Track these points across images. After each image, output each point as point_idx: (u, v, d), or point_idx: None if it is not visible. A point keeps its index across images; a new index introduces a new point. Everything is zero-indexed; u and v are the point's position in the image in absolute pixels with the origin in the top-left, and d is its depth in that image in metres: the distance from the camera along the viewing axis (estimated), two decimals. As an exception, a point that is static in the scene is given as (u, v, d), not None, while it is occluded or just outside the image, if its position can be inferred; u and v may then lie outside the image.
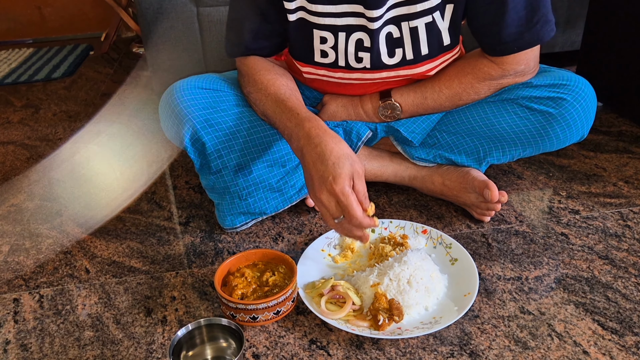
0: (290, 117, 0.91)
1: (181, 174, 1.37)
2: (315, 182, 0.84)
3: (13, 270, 1.04)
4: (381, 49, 0.99)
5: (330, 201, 0.82)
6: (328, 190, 0.82)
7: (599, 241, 1.03)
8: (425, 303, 0.86)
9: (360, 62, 1.01)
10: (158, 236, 1.12)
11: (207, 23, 1.69)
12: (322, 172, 0.82)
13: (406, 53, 1.00)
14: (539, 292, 0.91)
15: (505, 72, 1.02)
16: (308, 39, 1.00)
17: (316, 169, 0.83)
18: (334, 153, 0.83)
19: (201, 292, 0.95)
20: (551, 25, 0.97)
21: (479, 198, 1.07)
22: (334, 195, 0.82)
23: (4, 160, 1.49)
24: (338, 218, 0.83)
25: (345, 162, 0.83)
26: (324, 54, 1.01)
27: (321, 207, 0.85)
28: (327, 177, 0.82)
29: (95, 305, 0.93)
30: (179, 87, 1.04)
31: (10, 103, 1.94)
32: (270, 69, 1.03)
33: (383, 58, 1.00)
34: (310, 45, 1.01)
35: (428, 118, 1.10)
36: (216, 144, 1.02)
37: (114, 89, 2.03)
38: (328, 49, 1.00)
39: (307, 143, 0.86)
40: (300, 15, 0.97)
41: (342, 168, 0.82)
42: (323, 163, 0.83)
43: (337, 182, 0.81)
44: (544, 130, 1.02)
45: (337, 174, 0.81)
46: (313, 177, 0.84)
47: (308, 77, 1.08)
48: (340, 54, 1.00)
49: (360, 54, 0.99)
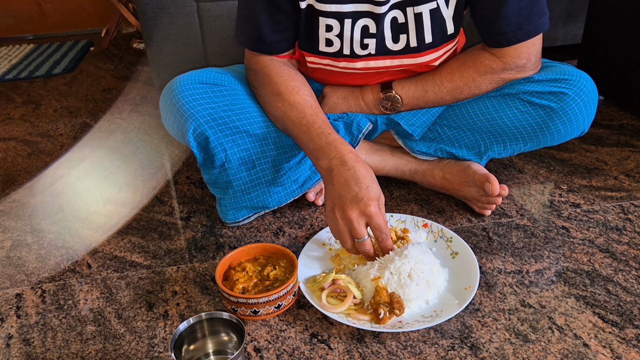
0: (320, 135, 0.93)
1: (182, 169, 1.37)
2: (346, 201, 0.86)
3: (15, 265, 1.04)
4: (386, 34, 0.99)
5: (360, 221, 0.86)
6: (360, 210, 0.85)
7: (600, 234, 1.03)
8: (426, 297, 0.87)
9: (366, 49, 1.01)
10: (159, 231, 1.12)
11: (207, 18, 1.69)
12: (355, 193, 0.85)
13: (410, 40, 1.00)
14: (539, 285, 0.91)
15: (506, 65, 1.02)
16: (313, 28, 1.00)
17: (349, 189, 0.86)
18: (368, 178, 0.87)
19: (202, 286, 0.95)
20: (547, 17, 0.99)
21: (480, 192, 1.07)
22: (366, 216, 0.85)
23: (5, 157, 1.49)
24: (363, 238, 0.86)
25: (377, 187, 0.88)
26: (329, 42, 1.01)
27: (346, 225, 0.87)
28: (362, 198, 0.85)
29: (97, 300, 0.94)
30: (179, 82, 1.03)
31: (11, 99, 1.94)
32: (292, 75, 1.02)
33: (387, 43, 1.00)
34: (316, 33, 1.00)
35: (429, 111, 1.10)
36: (220, 138, 1.02)
37: (115, 85, 2.03)
38: (333, 37, 1.00)
39: (340, 164, 0.89)
40: (309, 2, 0.97)
41: (374, 192, 0.86)
42: (357, 185, 0.86)
43: (371, 204, 0.85)
44: (545, 124, 1.02)
45: (370, 196, 0.85)
46: (344, 196, 0.86)
47: (312, 67, 1.07)
48: (346, 41, 1.00)
49: (365, 40, 1.00)
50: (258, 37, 1.02)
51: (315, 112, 0.98)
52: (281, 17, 1.00)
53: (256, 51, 1.05)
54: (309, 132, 0.95)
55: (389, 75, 1.07)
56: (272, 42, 1.03)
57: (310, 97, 1.01)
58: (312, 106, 0.99)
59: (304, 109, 0.98)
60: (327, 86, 1.14)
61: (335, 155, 0.91)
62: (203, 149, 1.04)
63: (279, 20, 1.00)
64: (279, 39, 1.03)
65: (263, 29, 1.00)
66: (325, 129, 0.95)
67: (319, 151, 0.93)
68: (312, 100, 1.00)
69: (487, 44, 1.02)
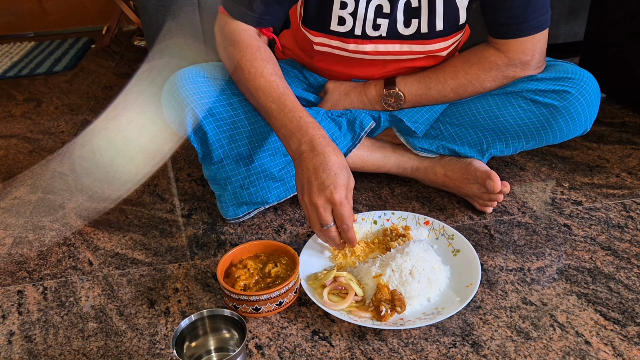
0: (292, 119, 0.91)
1: (183, 167, 1.37)
2: (313, 187, 0.85)
3: (17, 262, 1.04)
4: (398, 17, 0.99)
5: (326, 208, 0.85)
6: (327, 197, 0.84)
7: (602, 232, 1.03)
8: (428, 294, 0.86)
9: (377, 30, 1.00)
10: (160, 228, 1.12)
11: (208, 15, 1.69)
12: (323, 180, 0.85)
13: (421, 25, 1.00)
14: (541, 283, 0.91)
15: (510, 60, 1.01)
16: (327, 5, 0.99)
17: (317, 176, 0.85)
18: (336, 164, 0.86)
19: (204, 283, 0.95)
20: (550, 15, 0.99)
21: (482, 189, 1.07)
22: (331, 203, 0.84)
23: (6, 154, 1.49)
24: (327, 225, 0.86)
25: (345, 174, 0.86)
26: (342, 20, 1.00)
27: (313, 211, 0.86)
28: (328, 185, 0.84)
29: (98, 297, 0.94)
30: (181, 76, 1.03)
31: (12, 96, 1.94)
32: (262, 52, 0.98)
33: (399, 27, 1.00)
34: (329, 11, 1.00)
35: (432, 109, 1.10)
36: (217, 134, 1.01)
37: (116, 82, 2.03)
38: (346, 15, 0.99)
39: (310, 149, 0.88)
40: None
41: (342, 179, 0.85)
42: (325, 171, 0.85)
43: (337, 191, 0.84)
44: (548, 123, 1.02)
45: (338, 183, 0.84)
46: (312, 182, 0.85)
47: (319, 49, 1.07)
48: (359, 20, 0.99)
49: (378, 20, 0.99)
50: (246, 5, 0.98)
51: (285, 93, 0.94)
52: None
53: (237, 18, 1.00)
54: (279, 115, 0.93)
55: (397, 63, 1.07)
56: (260, 13, 0.99)
57: (278, 76, 0.97)
58: (280, 86, 0.95)
59: (276, 91, 0.94)
60: (330, 81, 1.14)
61: (306, 140, 0.89)
62: (202, 144, 1.04)
63: None
64: (268, 12, 0.99)
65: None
66: (296, 113, 0.92)
67: (290, 135, 0.91)
68: (280, 80, 0.96)
69: (492, 35, 1.02)
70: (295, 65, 1.20)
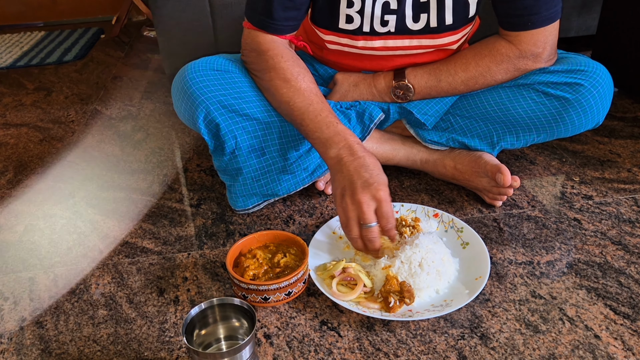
0: (329, 125, 0.93)
1: (192, 157, 1.37)
2: (357, 185, 0.85)
3: (28, 249, 1.05)
4: (407, 12, 0.99)
5: (370, 205, 0.84)
6: (372, 194, 0.84)
7: (612, 227, 1.02)
8: (437, 286, 0.86)
9: (386, 26, 1.00)
10: (170, 218, 1.13)
11: (218, 6, 1.68)
12: (366, 178, 0.85)
13: (430, 19, 0.99)
14: (550, 276, 0.91)
15: (522, 52, 1.01)
16: (335, 3, 0.99)
17: (359, 175, 0.86)
18: (377, 167, 0.88)
19: (213, 273, 0.96)
20: (560, 7, 0.98)
21: (491, 182, 1.06)
22: (376, 200, 0.84)
23: (17, 142, 1.50)
24: (370, 224, 0.84)
25: (385, 177, 0.87)
26: (349, 19, 1.00)
27: (355, 211, 0.85)
28: (372, 183, 0.84)
29: (108, 285, 0.94)
30: (191, 69, 1.03)
31: (22, 86, 1.95)
32: (296, 60, 1.00)
33: (407, 22, 1.00)
34: (337, 9, 1.00)
35: (442, 101, 1.10)
36: (230, 125, 1.02)
37: (125, 72, 2.04)
38: (354, 13, 0.99)
39: (350, 153, 0.89)
40: None
41: (384, 179, 0.87)
42: (367, 171, 0.86)
43: (382, 188, 0.85)
44: (560, 115, 1.01)
45: (381, 182, 0.85)
46: (355, 182, 0.85)
47: (330, 47, 1.07)
48: (366, 18, 0.99)
49: (386, 16, 0.99)
50: (267, 13, 0.99)
51: (321, 100, 0.97)
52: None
53: (261, 28, 1.00)
54: (316, 120, 0.94)
55: (407, 58, 1.06)
56: (280, 19, 0.99)
57: (314, 84, 1.00)
58: (317, 94, 0.98)
59: (311, 97, 0.97)
60: (339, 73, 1.13)
61: (344, 145, 0.90)
62: (214, 136, 1.04)
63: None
64: (287, 17, 1.00)
65: (274, 5, 0.97)
66: (332, 119, 0.94)
67: (327, 140, 0.92)
68: (316, 87, 0.99)
69: (503, 27, 1.01)
70: (305, 57, 1.19)
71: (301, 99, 0.96)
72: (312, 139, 0.95)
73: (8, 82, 1.99)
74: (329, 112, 0.96)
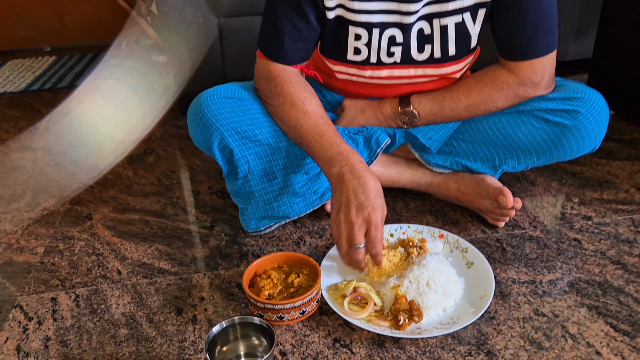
0: (332, 144, 0.98)
1: (203, 180, 1.42)
2: (352, 206, 0.90)
3: (49, 270, 1.09)
4: (412, 44, 1.04)
5: (361, 227, 0.89)
6: (364, 217, 0.89)
7: (611, 246, 1.07)
8: (444, 304, 0.90)
9: (392, 57, 1.05)
10: (184, 239, 1.17)
11: (227, 32, 1.74)
12: (362, 200, 0.89)
13: (434, 50, 1.05)
14: (552, 295, 0.95)
15: (522, 80, 1.06)
16: (343, 36, 1.04)
17: (356, 196, 0.90)
18: (375, 188, 0.92)
19: (228, 293, 1.00)
20: (557, 38, 1.04)
21: (494, 204, 1.11)
22: (368, 223, 0.89)
23: (34, 166, 1.55)
24: (359, 245, 0.90)
25: (382, 200, 0.92)
26: (357, 51, 1.05)
27: (346, 229, 0.90)
28: (367, 206, 0.89)
29: (128, 305, 0.98)
30: (206, 97, 1.08)
31: (36, 110, 2.00)
32: (304, 85, 1.06)
33: (413, 53, 1.05)
34: (345, 42, 1.05)
35: (445, 126, 1.15)
36: (243, 150, 1.06)
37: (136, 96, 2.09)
38: (361, 46, 1.04)
39: (350, 172, 0.93)
40: (338, 13, 1.02)
41: (380, 203, 0.91)
42: (364, 193, 0.90)
43: (375, 212, 0.89)
44: (559, 140, 1.06)
45: (376, 206, 0.90)
46: (351, 202, 0.90)
47: (339, 76, 1.12)
48: (373, 50, 1.04)
49: (392, 48, 1.04)
50: (278, 44, 1.04)
51: (327, 122, 1.02)
52: (304, 27, 1.03)
53: (272, 58, 1.06)
54: (321, 140, 0.99)
55: (412, 86, 1.12)
56: (290, 50, 1.05)
57: (320, 107, 1.05)
58: (323, 116, 1.03)
59: (316, 119, 1.02)
60: (347, 99, 1.19)
61: (346, 164, 0.95)
62: (228, 161, 1.09)
63: (301, 30, 1.03)
64: (297, 48, 1.06)
65: (284, 37, 1.03)
66: (336, 139, 0.99)
67: (331, 159, 0.97)
68: (322, 110, 1.05)
69: (503, 57, 1.07)
70: (314, 84, 1.25)
71: (307, 121, 1.02)
72: (318, 158, 1.00)
73: (22, 106, 2.05)
74: (334, 133, 1.00)
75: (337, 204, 0.93)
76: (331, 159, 0.96)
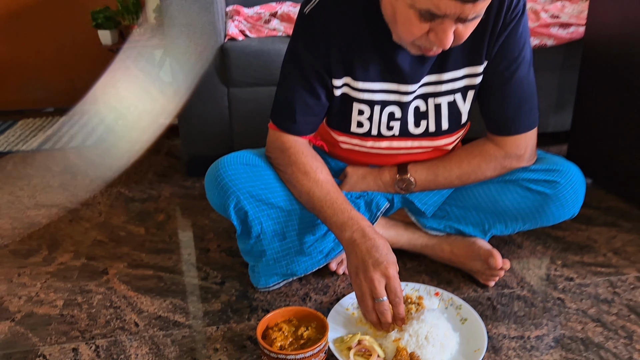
0: (343, 211, 1.09)
1: (212, 238, 1.51)
2: (369, 265, 1.00)
3: (69, 322, 1.16)
4: (409, 119, 1.17)
5: (380, 281, 0.99)
6: (382, 271, 0.99)
7: (592, 306, 1.16)
8: (441, 357, 0.98)
9: (391, 130, 1.18)
10: (197, 294, 1.24)
11: (235, 102, 1.88)
12: (376, 258, 1.00)
13: (429, 125, 1.18)
14: (540, 349, 1.03)
15: (507, 153, 1.19)
16: (348, 111, 1.17)
17: (370, 255, 1.01)
18: (386, 247, 1.03)
19: (240, 345, 1.07)
20: (537, 115, 1.18)
21: (484, 265, 1.21)
22: (386, 277, 0.99)
23: (49, 222, 1.63)
24: (381, 298, 0.99)
25: (394, 256, 1.02)
26: (360, 124, 1.18)
27: (368, 287, 1.00)
28: (382, 262, 1.00)
29: (147, 355, 1.05)
30: (224, 163, 1.19)
31: (49, 168, 2.10)
32: (314, 156, 1.17)
33: (410, 127, 1.18)
34: (349, 116, 1.17)
35: (439, 192, 1.26)
36: (257, 212, 1.17)
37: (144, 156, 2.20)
38: (364, 120, 1.17)
39: (362, 236, 1.04)
40: (344, 91, 1.15)
41: (393, 258, 1.02)
42: (377, 252, 1.01)
43: (391, 266, 1.00)
44: (541, 207, 1.18)
45: (390, 260, 1.01)
46: (367, 261, 1.01)
47: (342, 146, 1.24)
48: (374, 124, 1.17)
49: (391, 123, 1.17)
50: (290, 118, 1.16)
51: (337, 190, 1.14)
52: (314, 103, 1.15)
53: (285, 130, 1.17)
54: (333, 207, 1.11)
55: (410, 156, 1.24)
56: (301, 123, 1.16)
57: (330, 176, 1.17)
58: (333, 184, 1.15)
59: (328, 187, 1.14)
60: (349, 166, 1.30)
61: (357, 228, 1.06)
62: (242, 222, 1.18)
63: (311, 105, 1.15)
64: (307, 121, 1.17)
65: (296, 111, 1.15)
66: (347, 206, 1.11)
67: (342, 224, 1.08)
68: (332, 179, 1.17)
69: (490, 131, 1.20)
70: (319, 152, 1.37)
71: (319, 189, 1.13)
72: (329, 223, 1.10)
73: (35, 164, 2.15)
74: (344, 201, 1.12)
75: (354, 266, 1.03)
76: (343, 224, 1.07)
